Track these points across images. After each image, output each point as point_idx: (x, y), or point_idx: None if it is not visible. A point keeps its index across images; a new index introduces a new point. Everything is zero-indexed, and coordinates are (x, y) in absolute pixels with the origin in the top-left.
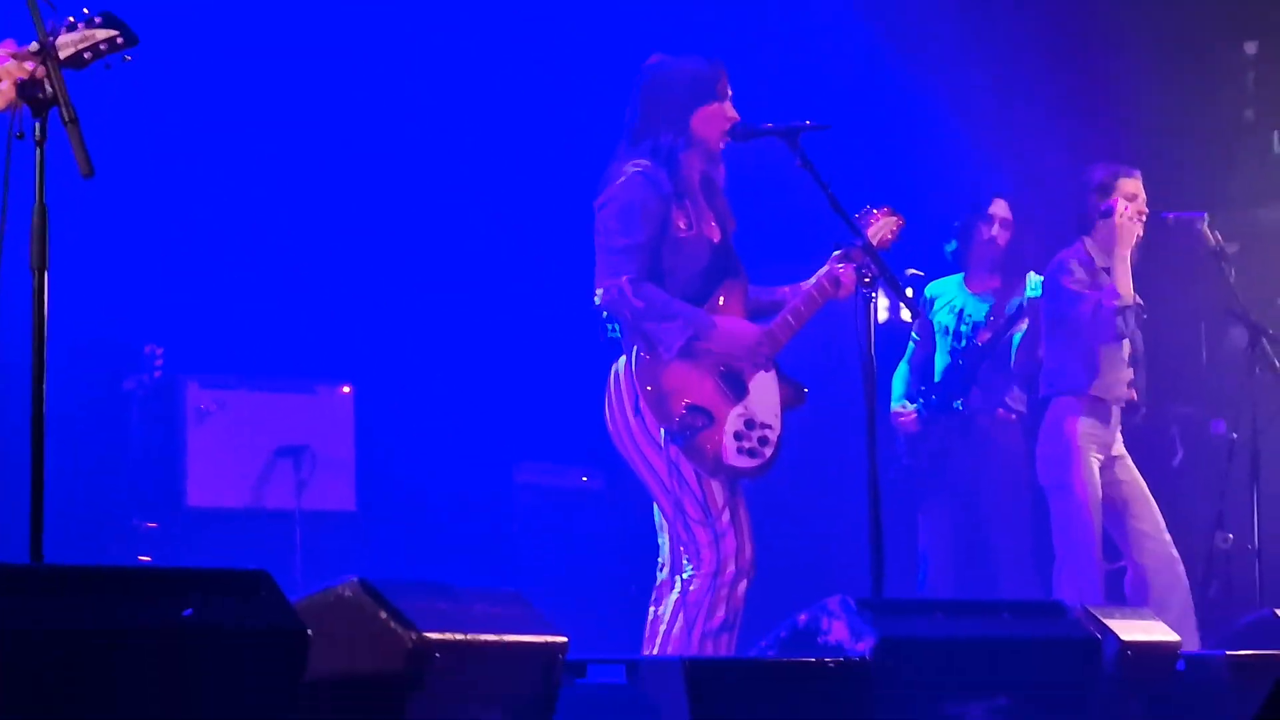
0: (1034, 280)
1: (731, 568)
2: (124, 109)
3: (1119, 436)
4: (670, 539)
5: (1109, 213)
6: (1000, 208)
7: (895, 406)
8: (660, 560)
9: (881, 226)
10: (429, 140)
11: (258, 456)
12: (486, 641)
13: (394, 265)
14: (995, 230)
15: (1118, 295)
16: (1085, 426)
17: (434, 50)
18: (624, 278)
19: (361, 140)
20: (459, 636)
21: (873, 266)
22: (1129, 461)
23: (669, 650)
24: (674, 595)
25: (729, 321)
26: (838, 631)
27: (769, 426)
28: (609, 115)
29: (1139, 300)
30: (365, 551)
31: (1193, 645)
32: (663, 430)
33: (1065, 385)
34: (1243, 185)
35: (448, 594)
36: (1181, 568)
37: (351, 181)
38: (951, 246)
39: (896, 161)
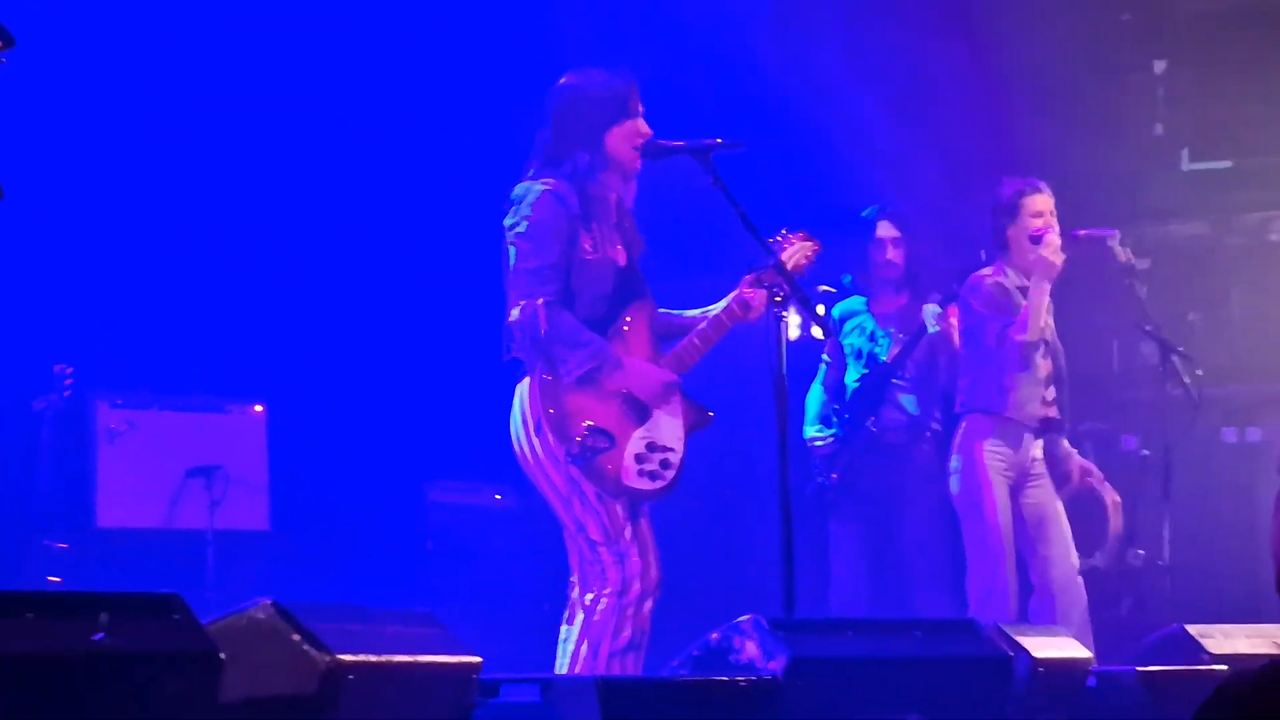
0: (930, 310)
1: (636, 587)
2: (29, 123)
3: (1036, 456)
4: (575, 559)
5: (1038, 240)
6: (886, 229)
7: (810, 431)
8: (572, 579)
9: (796, 251)
10: (341, 159)
11: (169, 476)
12: (400, 663)
13: (306, 284)
14: (889, 253)
15: (1025, 330)
16: (994, 445)
17: (345, 77)
18: (540, 300)
19: (271, 160)
20: (373, 658)
21: (784, 286)
22: (1044, 482)
23: (577, 669)
24: (581, 615)
25: (637, 364)
26: (749, 650)
27: (671, 449)
28: (519, 134)
29: (1049, 328)
30: (278, 572)
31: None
32: (564, 451)
33: (977, 404)
34: (1153, 201)
35: (361, 615)
36: (1082, 588)
37: (261, 201)
38: (848, 279)
39: (802, 181)
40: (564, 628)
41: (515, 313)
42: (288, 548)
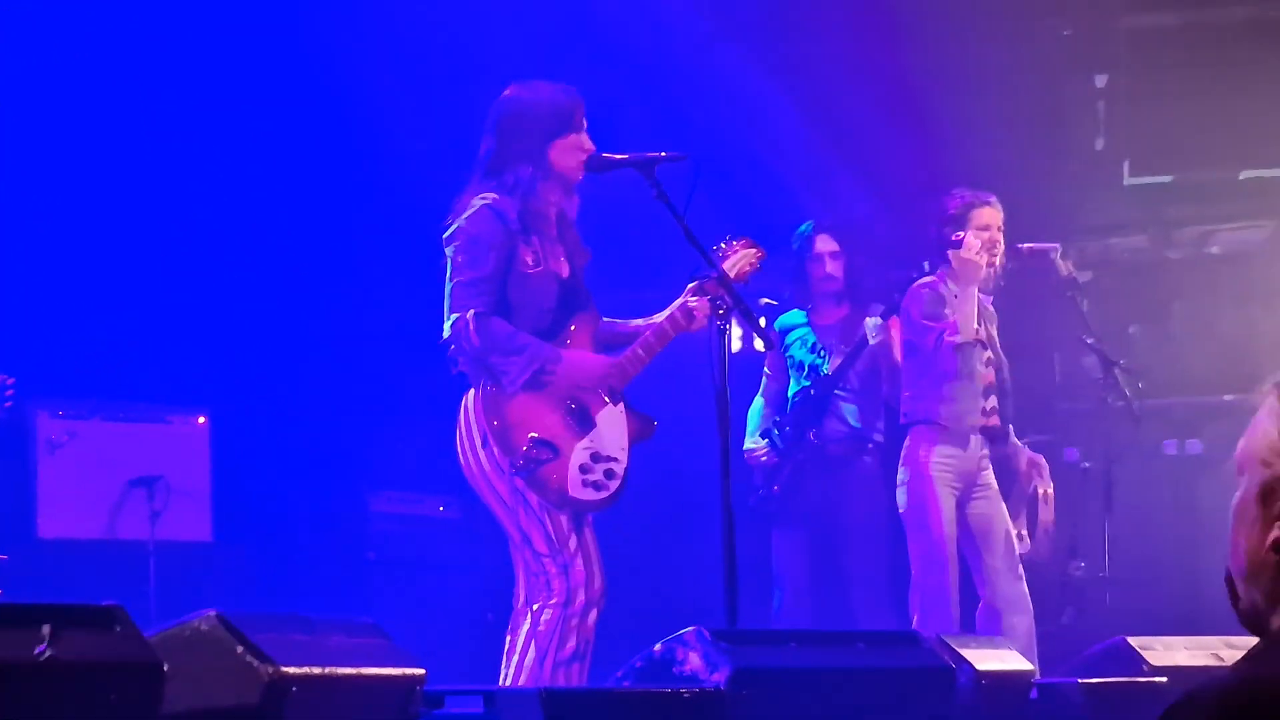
0: (871, 323)
1: (581, 598)
2: None
3: (984, 465)
4: (521, 569)
5: (957, 246)
6: (825, 243)
7: (749, 443)
8: (517, 590)
9: (740, 259)
10: (286, 169)
11: (111, 487)
12: (344, 675)
13: (248, 293)
14: (828, 267)
15: (956, 331)
16: (940, 456)
17: (289, 91)
18: (470, 311)
19: (213, 169)
20: (316, 670)
21: (727, 298)
22: (991, 493)
23: (520, 680)
24: (526, 625)
25: (575, 354)
26: (693, 662)
27: (615, 459)
28: (464, 146)
29: (988, 333)
30: (221, 582)
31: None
32: (508, 462)
33: (920, 414)
34: (1094, 215)
35: (304, 626)
36: (1028, 600)
37: (203, 209)
38: (786, 296)
39: (750, 192)
40: (508, 638)
41: (447, 327)
42: (230, 558)
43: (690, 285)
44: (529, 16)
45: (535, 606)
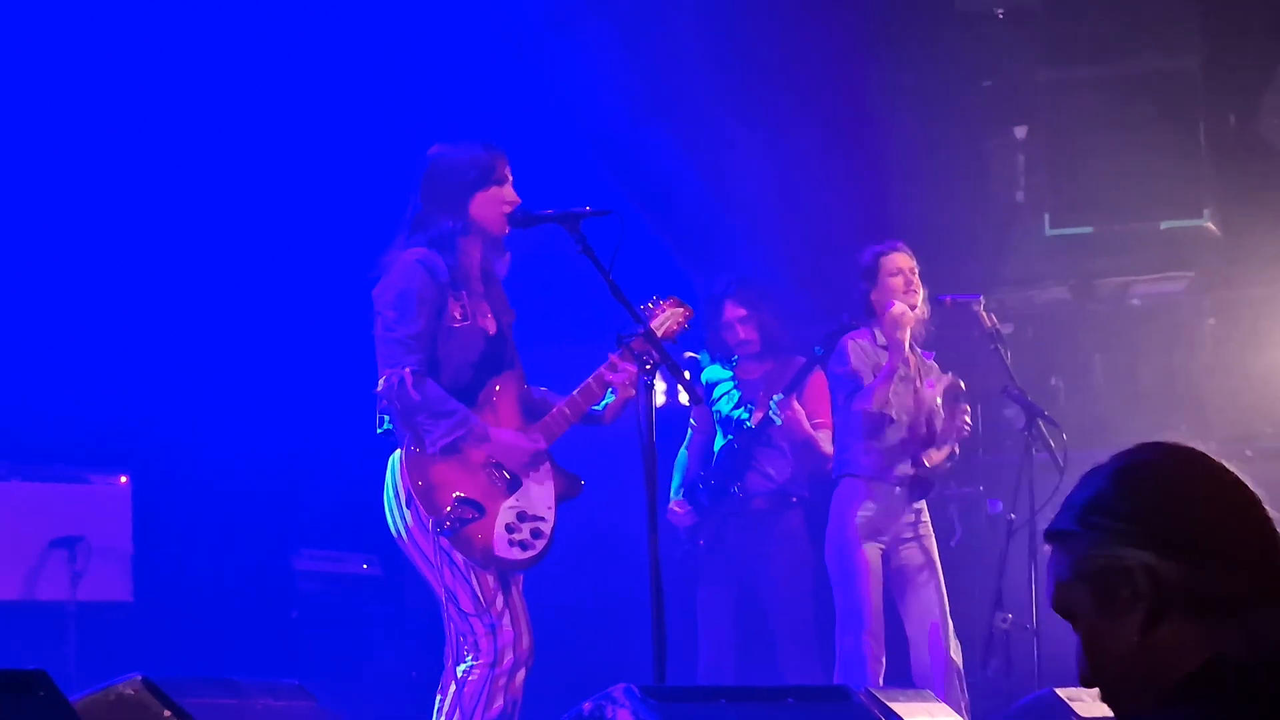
0: (773, 402)
1: (509, 657)
2: None
3: (915, 515)
4: (448, 628)
5: (881, 312)
6: (732, 310)
7: (673, 499)
8: (446, 648)
9: (668, 318)
10: (208, 227)
11: (31, 547)
12: None
13: (170, 352)
14: (741, 333)
15: (869, 402)
16: (867, 510)
17: (212, 150)
18: (406, 369)
19: (131, 226)
20: None
21: (654, 353)
22: (925, 543)
23: None
24: (453, 685)
25: (504, 434)
26: (622, 719)
27: (542, 519)
28: (390, 204)
29: (919, 397)
30: (143, 643)
31: None
32: (432, 522)
33: (847, 467)
34: (1016, 267)
35: (231, 689)
36: (955, 650)
37: (122, 265)
38: (705, 358)
39: (667, 252)
40: (438, 697)
41: (381, 382)
42: (152, 619)
43: (616, 350)
44: (458, 73)
45: (463, 668)
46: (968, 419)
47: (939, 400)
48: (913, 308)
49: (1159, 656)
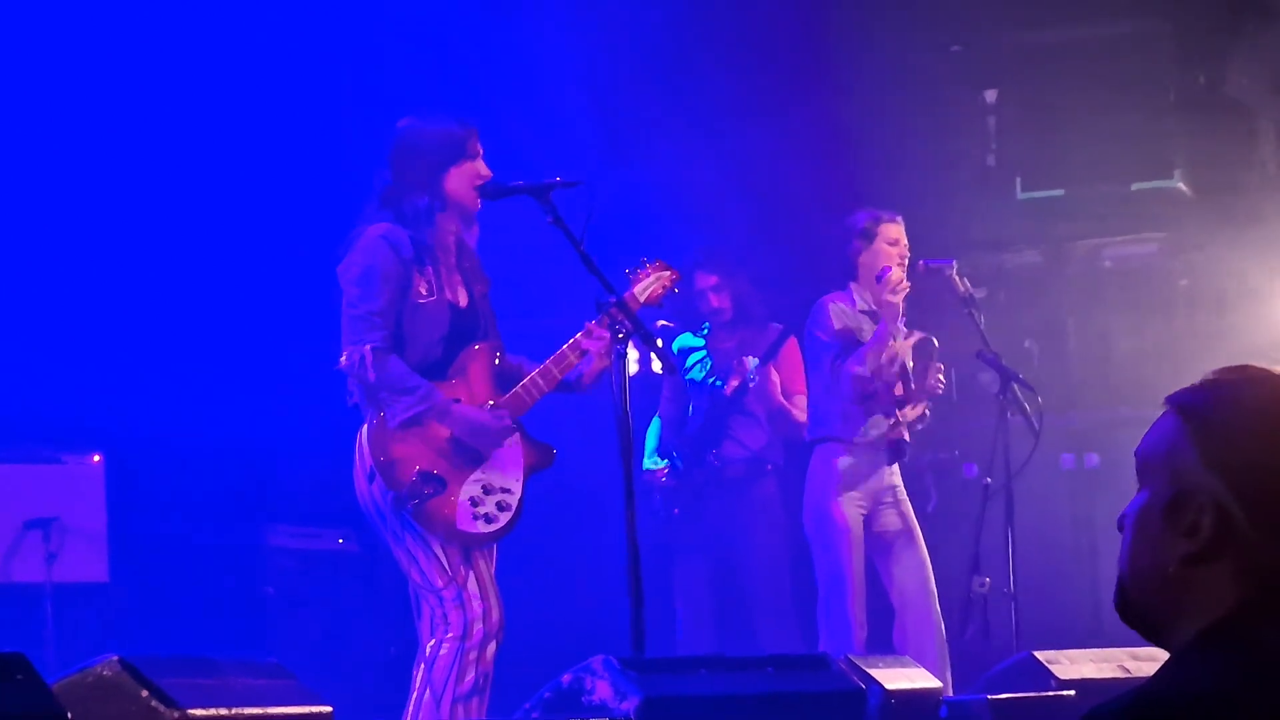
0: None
1: (478, 631)
2: None
3: (892, 480)
4: (417, 603)
5: (880, 278)
6: (703, 279)
7: (648, 463)
8: (419, 624)
9: (653, 281)
10: (177, 200)
11: (5, 529)
12: (250, 715)
13: (141, 330)
14: (713, 301)
15: (862, 363)
16: (846, 473)
17: (182, 127)
18: (368, 345)
19: (103, 203)
20: (222, 712)
21: (627, 322)
22: (902, 508)
23: (421, 716)
24: (424, 660)
25: (466, 410)
26: (601, 691)
27: (508, 490)
28: (359, 179)
29: (899, 360)
30: (119, 623)
31: (947, 691)
32: (392, 496)
33: (824, 431)
34: (988, 231)
35: (208, 668)
36: (938, 614)
37: (94, 248)
38: (683, 342)
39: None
40: (414, 673)
41: (343, 358)
42: (128, 599)
43: (592, 319)
44: (428, 46)
45: (433, 642)
46: (940, 376)
47: (910, 360)
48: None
49: (1185, 592)
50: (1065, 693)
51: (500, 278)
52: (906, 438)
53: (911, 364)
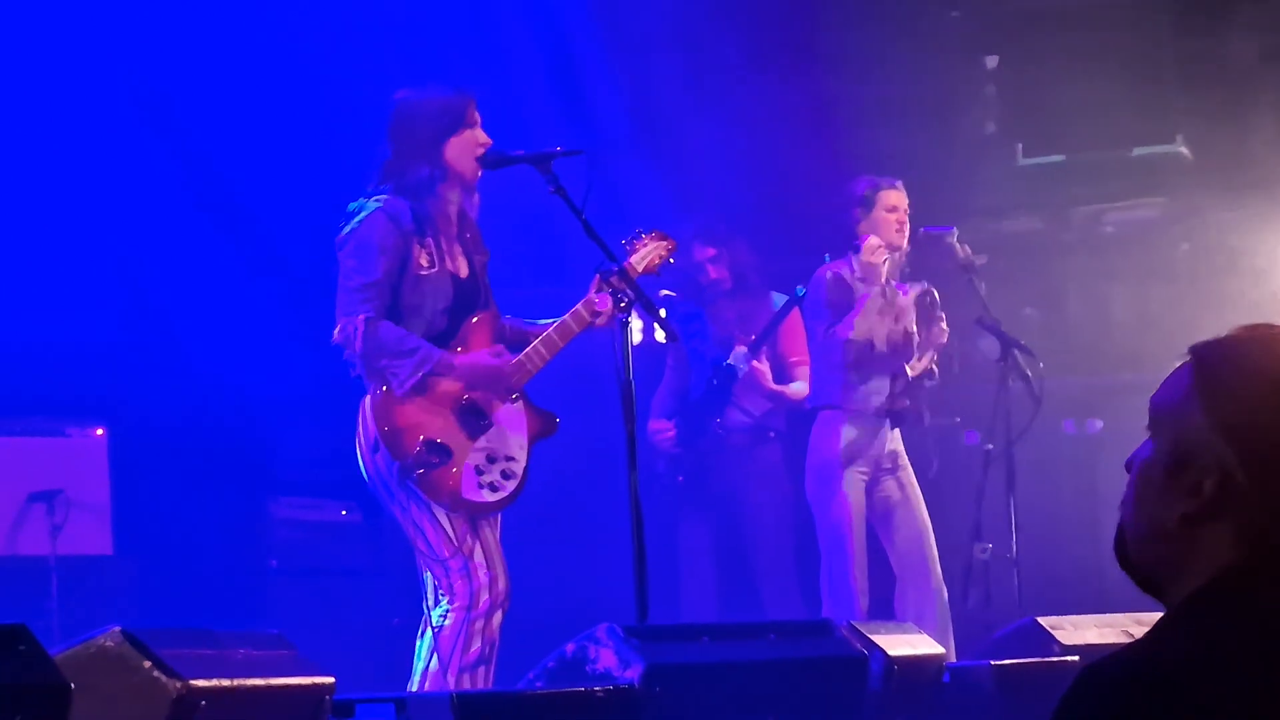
0: (738, 353)
1: (485, 600)
2: None
3: (894, 447)
4: (423, 573)
5: (857, 250)
6: (700, 250)
7: (654, 424)
8: (424, 594)
9: (650, 251)
10: (180, 174)
11: (9, 502)
12: (252, 686)
13: (143, 303)
14: (711, 273)
15: (849, 329)
16: (847, 441)
17: (183, 97)
18: (360, 316)
19: (106, 178)
20: (225, 683)
21: (629, 291)
22: (904, 475)
23: (426, 686)
24: (430, 630)
25: (469, 357)
26: (605, 660)
27: (513, 459)
28: (361, 149)
29: (900, 324)
30: (124, 596)
31: (950, 657)
32: (397, 466)
33: (825, 399)
34: (988, 197)
35: (210, 639)
36: (940, 581)
37: (96, 220)
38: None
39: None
40: (419, 644)
41: (337, 331)
42: (132, 571)
43: (594, 281)
44: (421, 17)
45: (439, 612)
46: (944, 325)
47: (914, 315)
48: (896, 248)
49: (1182, 549)
50: (1069, 658)
51: (499, 248)
52: (907, 405)
53: (914, 318)
